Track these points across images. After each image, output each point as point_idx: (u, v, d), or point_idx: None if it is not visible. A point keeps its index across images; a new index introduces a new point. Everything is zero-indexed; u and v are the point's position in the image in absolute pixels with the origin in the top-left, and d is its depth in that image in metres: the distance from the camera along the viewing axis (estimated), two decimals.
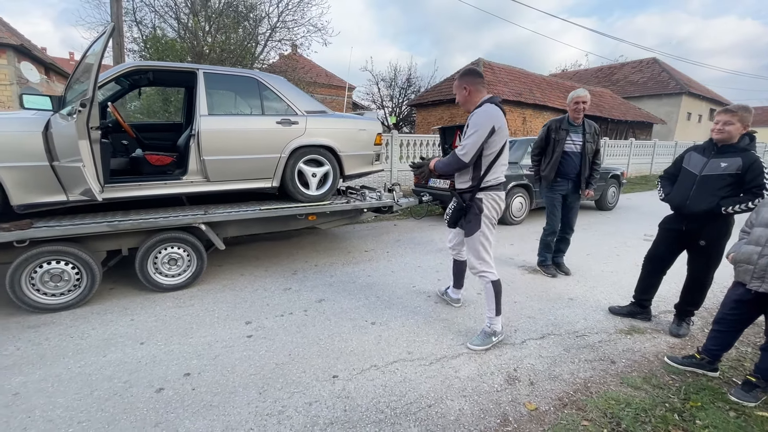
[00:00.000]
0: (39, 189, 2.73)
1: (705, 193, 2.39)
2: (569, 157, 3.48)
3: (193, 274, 3.26)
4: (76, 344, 2.39)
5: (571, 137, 3.45)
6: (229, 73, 3.56)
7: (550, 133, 3.52)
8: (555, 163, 3.49)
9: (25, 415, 1.78)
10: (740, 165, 2.27)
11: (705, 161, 2.43)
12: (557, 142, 3.47)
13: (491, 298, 2.45)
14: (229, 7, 10.22)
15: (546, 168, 3.56)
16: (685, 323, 2.69)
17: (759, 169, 2.25)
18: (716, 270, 2.55)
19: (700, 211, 2.41)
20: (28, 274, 2.66)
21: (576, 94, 3.41)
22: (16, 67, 12.18)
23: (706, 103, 24.48)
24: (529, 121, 15.12)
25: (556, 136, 3.48)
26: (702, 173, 2.42)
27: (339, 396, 1.96)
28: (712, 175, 2.38)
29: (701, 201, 2.40)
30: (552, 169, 3.51)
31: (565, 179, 3.55)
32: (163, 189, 3.21)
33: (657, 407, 1.91)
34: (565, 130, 3.45)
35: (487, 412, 1.87)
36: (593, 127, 3.56)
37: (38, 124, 2.68)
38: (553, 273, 3.73)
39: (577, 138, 3.47)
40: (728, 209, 2.30)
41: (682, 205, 2.50)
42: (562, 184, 3.57)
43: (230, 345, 2.41)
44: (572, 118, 3.47)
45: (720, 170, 2.34)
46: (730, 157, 2.33)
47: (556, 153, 3.47)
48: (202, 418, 1.78)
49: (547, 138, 3.54)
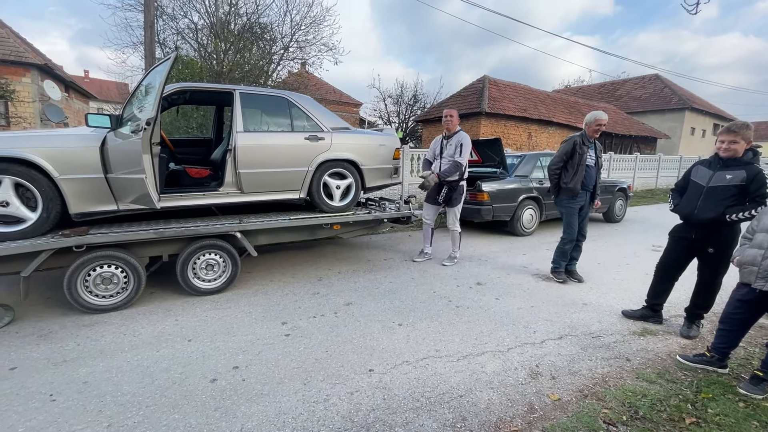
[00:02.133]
0: (94, 199, 2.99)
1: (712, 202, 2.59)
2: (589, 170, 3.78)
3: (228, 279, 3.47)
4: (130, 341, 2.60)
5: (590, 153, 3.76)
6: (263, 93, 3.86)
7: (576, 147, 3.71)
8: (581, 176, 3.73)
9: (98, 399, 1.98)
10: (744, 177, 2.48)
11: (711, 174, 2.63)
12: (581, 156, 3.70)
13: (457, 240, 4.58)
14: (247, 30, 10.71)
15: (572, 180, 3.76)
16: (695, 325, 2.85)
17: (762, 180, 2.45)
18: (724, 275, 2.71)
19: (707, 219, 2.61)
20: (83, 277, 2.89)
21: (599, 117, 3.69)
22: (39, 85, 12.73)
23: (709, 118, 24.76)
24: (534, 136, 15.42)
25: (581, 150, 3.70)
26: (709, 184, 2.63)
27: (377, 387, 2.14)
28: (718, 186, 2.58)
29: (708, 210, 2.60)
30: (578, 181, 3.73)
31: (584, 191, 3.83)
32: (202, 200, 3.46)
33: (671, 398, 2.07)
34: (585, 146, 3.73)
35: (514, 401, 2.04)
36: (599, 145, 3.92)
37: (96, 140, 2.95)
38: (563, 279, 3.93)
39: (592, 153, 3.79)
40: (732, 216, 2.50)
41: (691, 215, 2.71)
42: (582, 196, 3.83)
43: (270, 342, 2.61)
44: (589, 136, 3.75)
45: (726, 182, 2.55)
46: (734, 170, 2.53)
47: (582, 166, 3.71)
48: (255, 404, 1.97)
49: (572, 152, 3.73)
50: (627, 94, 25.56)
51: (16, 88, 11.11)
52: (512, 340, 2.70)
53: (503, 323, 2.97)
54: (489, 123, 14.22)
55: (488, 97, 14.30)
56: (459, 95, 16.17)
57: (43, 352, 2.43)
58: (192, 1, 10.46)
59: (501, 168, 6.17)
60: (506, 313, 3.15)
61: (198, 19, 10.67)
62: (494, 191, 5.84)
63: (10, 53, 11.41)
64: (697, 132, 24.24)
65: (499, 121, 14.43)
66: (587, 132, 3.74)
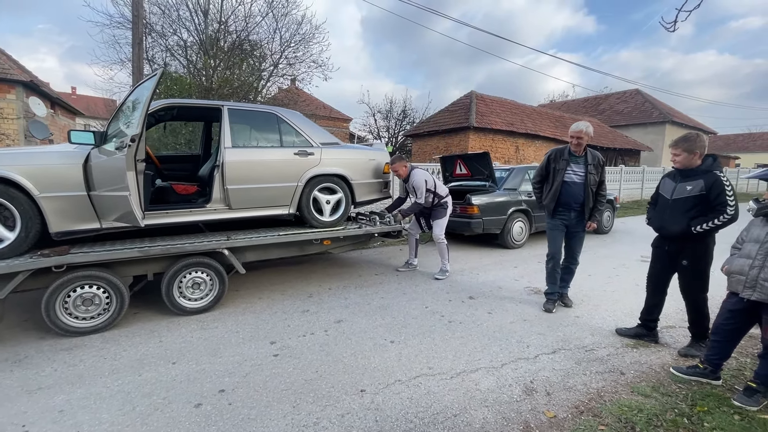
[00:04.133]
0: (76, 217, 2.90)
1: (677, 215, 2.62)
2: (570, 187, 3.37)
3: (215, 298, 3.38)
4: (111, 365, 2.49)
5: (572, 168, 3.36)
6: (251, 109, 3.85)
7: (550, 162, 3.45)
8: (555, 193, 3.40)
9: (74, 430, 1.87)
10: (702, 186, 2.52)
11: (674, 186, 2.69)
12: (557, 171, 3.39)
13: (444, 252, 4.57)
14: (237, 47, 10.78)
15: (547, 197, 3.50)
16: (698, 345, 2.72)
17: (720, 187, 2.47)
18: (707, 293, 2.68)
19: (675, 233, 2.64)
20: (62, 299, 2.78)
21: (574, 129, 3.31)
22: (24, 101, 12.55)
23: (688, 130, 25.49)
24: (521, 149, 15.67)
25: (556, 165, 3.41)
26: (672, 197, 2.67)
27: (369, 408, 2.07)
28: (680, 198, 2.62)
29: (674, 223, 2.64)
30: (552, 198, 3.43)
31: (566, 209, 3.45)
32: (189, 216, 3.40)
33: (667, 412, 2.04)
34: (565, 160, 3.37)
35: (509, 420, 2.00)
36: (597, 158, 3.42)
37: (79, 157, 2.89)
38: (549, 308, 3.49)
39: (578, 169, 3.36)
40: (697, 228, 2.52)
41: (660, 228, 2.76)
42: (564, 214, 3.47)
43: (259, 363, 2.52)
44: (573, 150, 3.38)
45: (686, 193, 2.59)
46: (693, 180, 2.58)
47: (556, 183, 3.39)
48: (242, 430, 1.89)
49: (547, 167, 3.48)
50: (610, 108, 26.29)
51: (0, 105, 10.92)
52: (506, 356, 2.66)
53: (496, 338, 2.93)
54: (477, 137, 14.43)
55: (476, 111, 14.54)
56: (447, 110, 16.42)
57: (18, 379, 2.30)
58: (181, 19, 10.52)
59: (490, 181, 6.22)
60: (499, 328, 3.11)
61: (187, 37, 10.73)
62: (484, 204, 5.87)
63: None
64: None
65: (486, 135, 14.65)
66: (571, 146, 3.40)
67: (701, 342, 2.73)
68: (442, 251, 4.57)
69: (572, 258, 3.64)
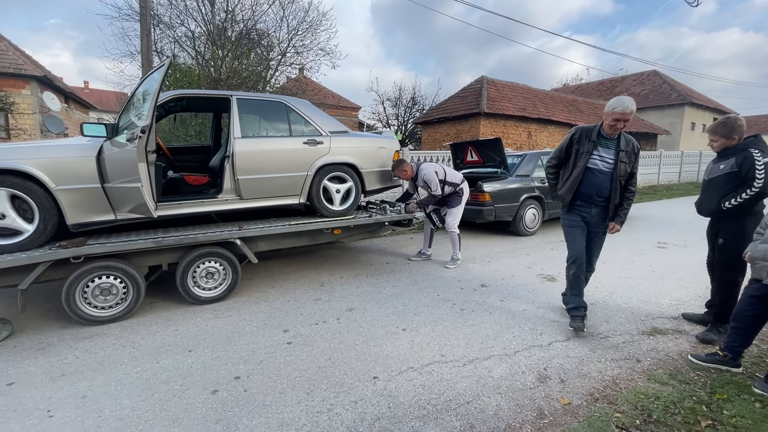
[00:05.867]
0: (91, 209, 2.95)
1: (710, 195, 2.65)
2: (594, 176, 2.72)
3: (229, 287, 3.43)
4: (130, 352, 2.55)
5: (600, 152, 2.70)
6: (260, 98, 3.83)
7: (572, 143, 2.80)
8: (575, 182, 2.75)
9: (97, 414, 1.93)
10: (734, 163, 2.49)
11: (711, 167, 2.70)
12: (580, 155, 2.74)
13: (456, 242, 4.54)
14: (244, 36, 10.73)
15: (563, 186, 2.86)
16: (716, 330, 2.69)
17: (750, 161, 2.42)
18: (740, 276, 2.61)
19: (708, 212, 2.70)
20: (81, 288, 2.85)
21: (621, 107, 2.53)
22: (39, 96, 12.78)
23: (709, 112, 24.69)
24: (534, 135, 15.38)
25: (579, 147, 2.75)
26: (707, 177, 2.69)
27: (382, 395, 2.09)
28: (713, 178, 2.63)
29: (708, 203, 2.67)
30: (570, 188, 2.78)
31: (587, 203, 2.81)
32: (201, 207, 3.42)
33: (685, 400, 2.01)
34: (592, 142, 2.70)
35: (523, 407, 1.99)
36: (631, 144, 2.73)
37: (92, 150, 2.92)
38: (579, 326, 2.75)
39: (607, 154, 2.70)
40: (726, 204, 2.51)
41: (698, 210, 2.79)
42: (584, 209, 2.84)
43: (272, 351, 2.56)
44: (606, 131, 2.69)
45: (719, 172, 2.59)
46: (726, 158, 2.56)
47: (577, 169, 2.74)
48: (257, 416, 1.92)
49: (568, 148, 2.83)
50: (626, 90, 25.51)
51: (16, 101, 11.13)
52: (519, 343, 2.64)
53: (509, 326, 2.91)
54: (488, 123, 14.20)
55: (487, 97, 14.28)
56: (457, 96, 16.16)
57: (42, 367, 2.38)
58: (188, 9, 10.49)
59: (502, 168, 6.12)
60: (512, 315, 3.09)
61: (195, 27, 10.72)
62: (496, 191, 5.79)
63: (9, 66, 11.44)
64: (698, 127, 24.17)
65: (498, 121, 14.40)
66: (604, 125, 2.70)
67: (721, 326, 2.68)
68: (453, 241, 4.54)
69: (589, 264, 2.96)
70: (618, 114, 2.55)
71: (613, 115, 2.57)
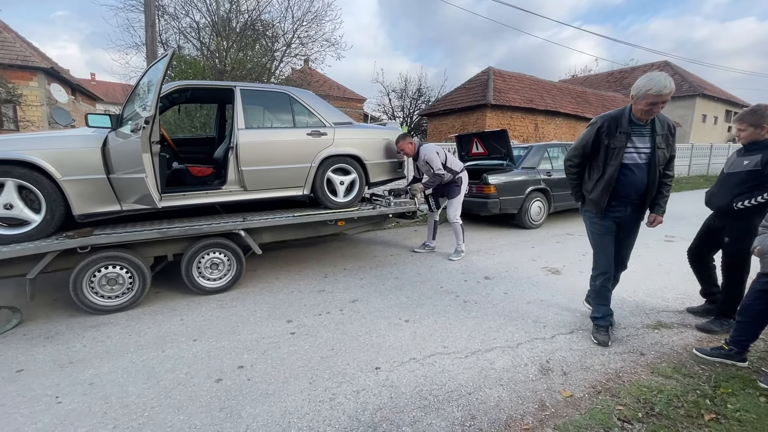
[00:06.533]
0: (97, 200, 2.98)
1: (724, 190, 2.50)
2: (631, 172, 2.32)
3: (233, 278, 3.45)
4: (136, 341, 2.59)
5: (635, 143, 2.29)
6: (264, 89, 3.81)
7: (600, 137, 2.35)
8: (610, 183, 2.34)
9: (104, 401, 1.97)
10: (759, 161, 2.34)
11: (734, 160, 2.53)
12: (612, 151, 2.30)
13: (459, 233, 4.50)
14: (249, 27, 10.66)
15: (595, 189, 2.43)
16: (719, 322, 2.68)
17: None
18: (746, 274, 2.57)
19: (717, 208, 2.55)
20: (88, 278, 2.89)
21: (653, 89, 2.11)
22: (46, 88, 12.87)
23: (721, 104, 24.19)
24: (541, 127, 15.20)
25: (610, 141, 2.30)
26: (727, 170, 2.53)
27: (384, 385, 2.10)
28: (733, 173, 2.48)
29: (721, 198, 2.53)
30: (605, 191, 2.37)
31: (623, 203, 2.42)
32: (205, 198, 3.44)
33: (689, 393, 2.00)
34: (624, 133, 2.27)
35: (524, 398, 1.99)
36: (666, 124, 2.32)
37: (97, 141, 2.94)
38: (603, 340, 2.50)
39: (642, 144, 2.29)
40: (738, 204, 2.39)
41: (708, 201, 2.66)
42: (619, 210, 2.45)
43: (276, 341, 2.58)
44: (637, 116, 2.27)
45: (741, 167, 2.43)
46: (753, 154, 2.40)
47: (611, 167, 2.31)
48: (260, 405, 1.94)
49: (595, 144, 2.39)
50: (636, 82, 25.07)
51: (24, 92, 11.20)
52: (522, 336, 2.64)
53: (512, 318, 2.91)
54: (494, 115, 14.05)
55: (493, 88, 14.11)
56: (464, 88, 15.99)
57: (50, 354, 2.43)
58: (193, 0, 10.42)
59: (508, 160, 6.06)
60: (515, 308, 3.08)
61: (200, 18, 10.65)
62: (501, 184, 5.75)
63: (17, 57, 11.51)
64: (709, 119, 23.69)
65: (504, 112, 14.25)
66: (633, 110, 2.27)
67: (725, 320, 2.66)
68: (456, 232, 4.52)
69: (621, 265, 2.65)
70: (653, 96, 2.13)
71: (647, 99, 2.15)
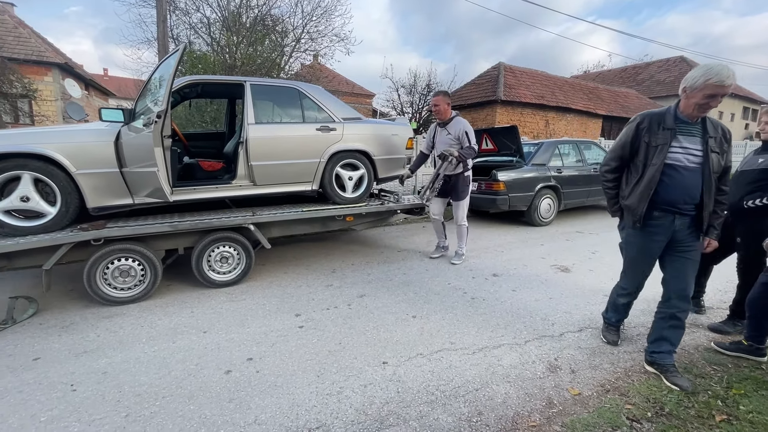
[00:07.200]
0: (110, 193, 3.03)
1: (736, 188, 2.41)
2: (678, 174, 1.98)
3: (243, 271, 3.49)
4: (147, 332, 2.64)
5: (681, 142, 1.98)
6: (273, 84, 3.83)
7: (639, 135, 2.06)
8: (650, 185, 2.02)
9: (117, 390, 2.01)
10: None
11: (749, 158, 2.46)
12: (653, 149, 2.01)
13: (464, 236, 4.24)
14: (259, 22, 10.69)
15: (632, 194, 2.10)
16: (732, 322, 2.65)
17: None
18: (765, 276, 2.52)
19: (728, 206, 2.45)
20: (101, 270, 2.95)
21: (713, 79, 1.81)
22: (60, 83, 13.08)
23: (738, 101, 23.61)
24: (552, 123, 15.01)
25: (651, 139, 2.01)
26: (740, 168, 2.47)
27: (391, 379, 2.11)
28: (746, 170, 2.42)
29: (731, 195, 2.43)
30: (643, 196, 2.04)
31: (668, 212, 2.05)
32: (215, 192, 3.47)
33: (700, 394, 1.97)
34: (669, 130, 1.98)
35: (532, 396, 1.98)
36: (720, 128, 2.01)
37: (111, 135, 2.98)
38: (612, 340, 2.47)
39: (692, 144, 1.97)
40: (748, 203, 2.33)
41: None
42: (662, 222, 2.07)
43: (284, 334, 2.61)
44: (687, 113, 1.97)
45: (755, 165, 2.37)
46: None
47: (652, 167, 2.00)
48: (269, 396, 1.97)
49: (634, 143, 2.08)
50: (650, 77, 24.59)
51: (39, 87, 11.40)
52: (529, 333, 2.62)
53: (520, 315, 2.89)
54: (505, 111, 13.91)
55: (504, 84, 13.97)
56: (474, 83, 15.85)
57: (65, 343, 2.49)
58: None
59: (517, 156, 6.01)
60: (523, 305, 3.07)
61: (210, 13, 10.71)
62: (510, 180, 5.70)
63: (32, 53, 11.71)
64: (726, 116, 23.15)
65: (515, 108, 14.10)
66: (682, 106, 1.98)
67: (738, 321, 2.62)
68: (461, 234, 4.23)
69: (681, 296, 2.14)
70: (713, 87, 1.81)
71: (706, 90, 1.83)
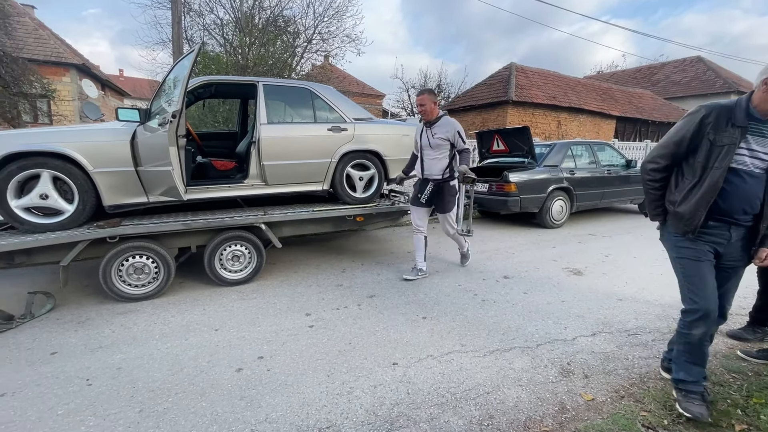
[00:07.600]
0: (126, 191, 3.08)
1: None
2: (739, 180, 1.71)
3: (254, 270, 3.52)
4: (161, 329, 2.67)
5: (750, 144, 1.69)
6: (286, 85, 3.86)
7: (702, 130, 1.74)
8: (711, 192, 1.72)
9: (131, 385, 2.04)
10: None
11: None
12: (717, 150, 1.71)
13: (460, 239, 3.90)
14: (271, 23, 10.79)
15: (686, 201, 1.80)
16: (752, 329, 2.58)
17: None
18: None
19: None
20: (116, 267, 3.00)
21: None
22: (77, 84, 13.38)
23: None
24: (564, 124, 14.82)
25: (717, 137, 1.71)
26: None
27: (401, 381, 2.10)
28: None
29: None
30: (703, 203, 1.74)
31: (724, 223, 1.78)
32: (227, 191, 3.51)
33: (718, 402, 1.92)
34: (739, 128, 1.68)
35: (544, 400, 1.96)
36: None
37: (127, 134, 3.03)
38: (699, 412, 1.76)
39: (762, 148, 1.69)
40: None
41: None
42: (718, 231, 1.80)
43: (295, 333, 2.62)
44: (762, 108, 1.67)
45: None
46: None
47: (717, 171, 1.71)
48: (280, 395, 1.98)
49: (694, 139, 1.77)
50: (666, 78, 24.10)
51: (57, 88, 11.66)
52: (541, 336, 2.59)
53: (532, 318, 2.86)
54: (516, 112, 13.78)
55: (515, 85, 13.83)
56: (484, 84, 15.74)
57: (81, 338, 2.54)
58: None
59: (529, 158, 5.95)
60: (535, 308, 3.03)
61: (223, 15, 10.85)
62: (522, 182, 5.64)
63: (51, 54, 11.99)
64: None
65: (527, 109, 13.95)
66: (757, 100, 1.68)
67: (759, 328, 2.55)
68: (458, 240, 3.92)
69: (720, 314, 1.96)
70: None
71: None
